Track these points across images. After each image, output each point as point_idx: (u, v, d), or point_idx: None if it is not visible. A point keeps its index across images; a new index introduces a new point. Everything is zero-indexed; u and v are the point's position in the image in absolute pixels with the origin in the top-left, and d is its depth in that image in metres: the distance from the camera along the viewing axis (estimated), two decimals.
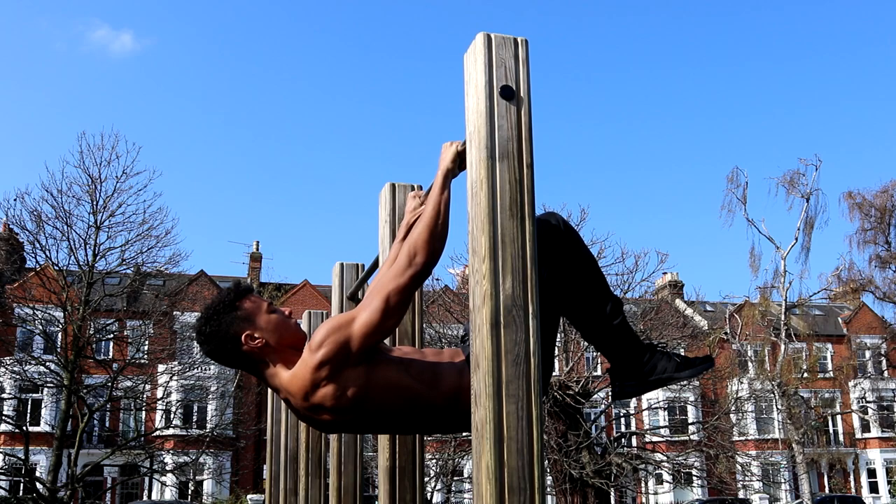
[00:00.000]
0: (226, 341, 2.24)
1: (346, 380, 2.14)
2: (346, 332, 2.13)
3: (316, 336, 2.16)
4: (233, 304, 2.27)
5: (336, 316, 2.24)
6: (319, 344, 2.13)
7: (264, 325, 2.25)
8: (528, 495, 1.75)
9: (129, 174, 20.43)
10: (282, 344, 2.25)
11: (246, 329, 2.24)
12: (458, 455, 20.86)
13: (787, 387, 29.85)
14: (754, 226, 32.20)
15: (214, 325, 2.25)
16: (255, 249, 38.82)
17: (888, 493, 38.54)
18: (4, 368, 22.39)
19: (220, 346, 2.26)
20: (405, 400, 2.20)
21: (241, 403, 32.08)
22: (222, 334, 2.24)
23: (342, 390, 2.14)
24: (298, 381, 2.18)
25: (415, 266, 2.14)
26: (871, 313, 40.02)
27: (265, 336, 2.24)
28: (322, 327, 2.18)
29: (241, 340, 2.23)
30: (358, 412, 2.18)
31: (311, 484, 4.75)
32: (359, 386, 2.15)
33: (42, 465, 25.79)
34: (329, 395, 2.15)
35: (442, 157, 2.31)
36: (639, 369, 2.46)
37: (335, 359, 2.12)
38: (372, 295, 2.17)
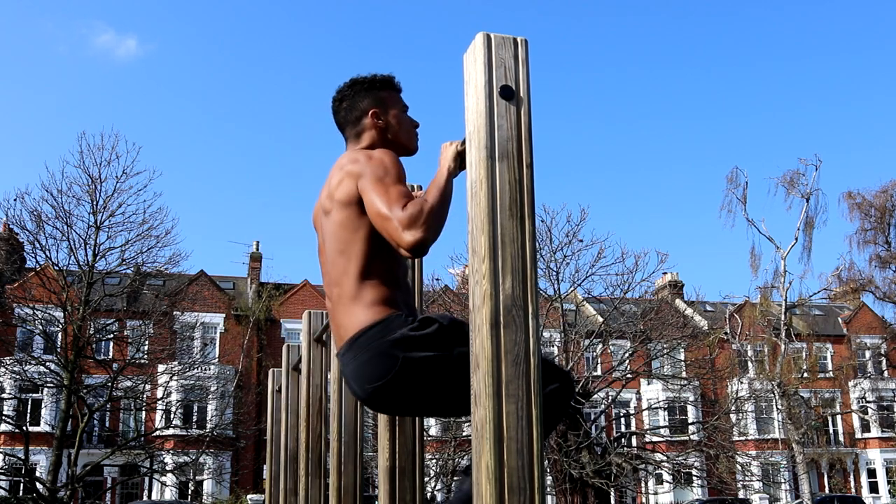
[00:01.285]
0: (357, 107, 2.52)
1: (345, 182, 2.31)
2: (371, 175, 2.24)
3: (381, 152, 2.33)
4: (382, 85, 2.55)
5: (395, 164, 2.29)
6: (372, 156, 2.30)
7: (393, 116, 2.53)
8: (528, 495, 1.75)
9: (129, 174, 20.45)
10: (392, 138, 2.52)
11: (377, 108, 2.51)
12: (458, 455, 20.86)
13: (787, 387, 29.84)
14: (754, 226, 32.24)
15: (357, 91, 2.53)
16: (255, 249, 38.81)
17: (888, 493, 38.53)
18: (4, 368, 22.39)
19: (350, 106, 2.53)
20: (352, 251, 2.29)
21: (241, 403, 32.09)
22: (359, 100, 2.52)
23: (340, 182, 2.32)
24: (344, 158, 2.40)
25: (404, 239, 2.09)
26: (871, 313, 40.02)
27: (387, 123, 2.52)
28: (387, 156, 2.30)
29: (368, 113, 2.51)
30: (332, 212, 2.33)
31: (311, 484, 4.75)
32: (345, 196, 2.30)
33: (42, 465, 25.79)
34: (336, 177, 2.34)
35: (442, 157, 2.31)
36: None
37: (354, 170, 2.30)
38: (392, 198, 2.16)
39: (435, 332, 2.20)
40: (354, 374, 2.25)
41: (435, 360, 2.18)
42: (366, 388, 2.23)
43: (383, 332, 2.21)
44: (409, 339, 2.18)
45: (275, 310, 35.74)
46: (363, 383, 2.23)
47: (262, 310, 35.13)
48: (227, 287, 37.53)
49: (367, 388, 2.23)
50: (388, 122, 2.52)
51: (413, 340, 2.18)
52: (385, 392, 2.21)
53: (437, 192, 2.17)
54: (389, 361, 2.18)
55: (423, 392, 2.23)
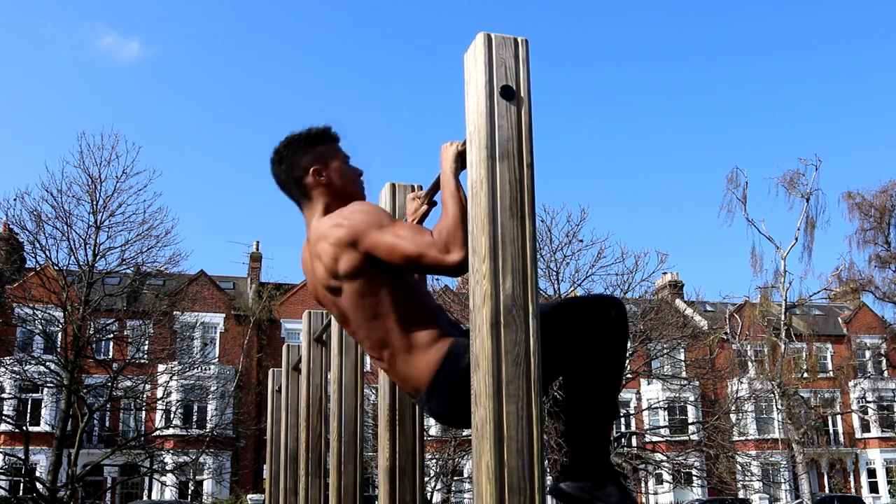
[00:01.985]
0: (296, 168, 2.44)
1: (344, 253, 2.24)
2: (369, 228, 2.20)
3: (355, 206, 2.30)
4: (316, 139, 2.46)
5: (380, 210, 2.28)
6: (351, 213, 2.26)
7: (334, 169, 2.45)
8: (528, 495, 1.75)
9: (129, 174, 20.42)
10: (338, 192, 2.43)
11: (317, 165, 2.43)
12: (458, 455, 20.87)
13: (787, 387, 29.84)
14: (754, 226, 32.22)
15: (293, 150, 2.45)
16: (255, 249, 38.82)
17: (888, 493, 38.53)
18: (4, 368, 22.38)
19: (289, 169, 2.45)
20: (385, 313, 2.24)
21: (241, 403, 32.09)
22: (297, 159, 2.44)
23: (337, 258, 2.25)
24: (321, 227, 2.33)
25: (448, 261, 2.09)
26: (871, 313, 40.02)
27: (330, 178, 2.43)
28: (365, 206, 2.28)
29: (309, 171, 2.42)
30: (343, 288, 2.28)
31: (311, 484, 4.75)
32: (351, 268, 2.24)
33: (42, 464, 25.78)
34: (328, 254, 2.27)
35: (443, 158, 2.30)
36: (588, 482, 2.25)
37: (346, 236, 2.24)
38: (410, 236, 2.16)
39: None
40: (450, 414, 2.24)
41: None
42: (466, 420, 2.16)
43: (455, 363, 2.19)
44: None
45: (275, 310, 35.75)
46: (464, 415, 2.16)
47: (262, 310, 35.13)
48: (227, 287, 37.54)
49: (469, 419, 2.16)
50: (330, 178, 2.43)
51: None
52: None
53: (454, 205, 2.15)
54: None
55: None
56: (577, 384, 2.27)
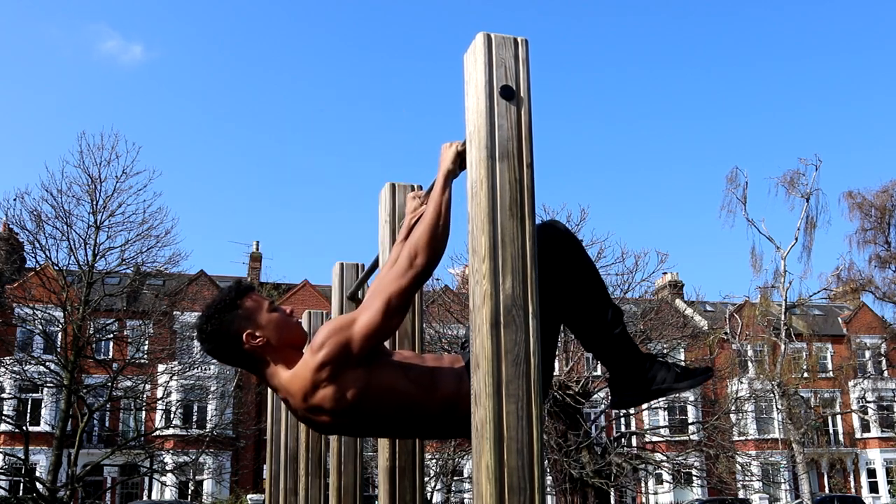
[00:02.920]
0: (227, 340, 2.25)
1: (345, 381, 2.13)
2: (347, 333, 2.12)
3: (317, 337, 2.16)
4: (234, 303, 2.27)
5: (337, 317, 2.24)
6: (321, 345, 2.13)
7: (265, 323, 2.25)
8: (528, 495, 1.75)
9: (129, 174, 20.42)
10: (283, 343, 2.25)
11: (247, 328, 2.24)
12: (458, 455, 20.86)
13: (787, 387, 29.83)
14: (754, 226, 32.19)
15: (216, 324, 2.25)
16: (255, 249, 38.84)
17: (888, 493, 38.53)
18: (4, 368, 22.38)
19: (221, 344, 2.26)
20: (403, 404, 2.20)
21: (241, 403, 32.07)
22: (223, 333, 2.25)
23: (342, 392, 2.14)
24: (299, 381, 2.18)
25: (416, 267, 2.13)
26: (871, 313, 40.02)
27: (266, 335, 2.24)
28: (323, 328, 2.18)
29: (242, 339, 2.24)
30: (356, 415, 2.18)
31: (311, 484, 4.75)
32: (358, 388, 2.14)
33: (42, 464, 25.78)
34: (329, 397, 2.14)
35: (442, 158, 2.30)
36: (638, 379, 2.43)
37: (336, 360, 2.12)
38: (373, 296, 2.17)
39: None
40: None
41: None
42: None
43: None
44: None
45: None
46: None
47: None
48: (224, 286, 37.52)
49: None
50: (266, 335, 2.24)
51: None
52: None
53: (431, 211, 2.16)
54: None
55: None
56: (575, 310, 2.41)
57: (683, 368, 2.45)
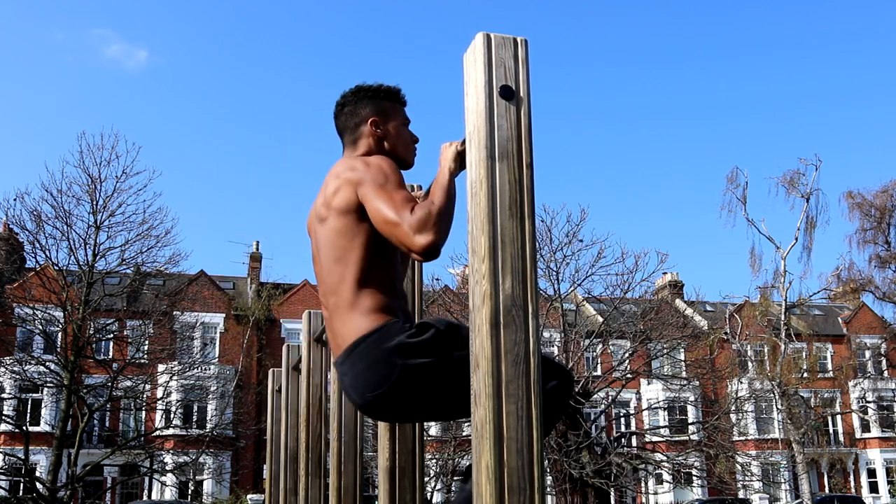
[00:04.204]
0: (357, 115, 2.51)
1: (342, 189, 2.30)
2: (371, 182, 2.23)
3: (378, 158, 2.34)
4: (386, 96, 2.53)
5: (394, 171, 2.29)
6: (369, 163, 2.31)
7: (393, 127, 2.52)
8: (528, 495, 1.75)
9: (129, 174, 20.42)
10: (388, 148, 2.50)
11: (377, 117, 2.50)
12: (458, 455, 20.86)
13: (787, 387, 29.84)
14: (754, 226, 32.24)
15: (359, 98, 2.52)
16: (255, 249, 38.81)
17: (888, 493, 38.52)
18: (4, 368, 22.38)
19: (351, 112, 2.52)
20: (349, 260, 2.28)
21: (241, 403, 32.08)
22: (361, 107, 2.51)
23: (336, 190, 2.31)
24: (340, 165, 2.40)
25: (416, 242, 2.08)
26: (871, 313, 40.01)
27: (385, 132, 2.50)
28: (384, 163, 2.31)
29: (368, 121, 2.49)
30: (328, 220, 2.32)
31: (311, 484, 4.75)
32: (342, 204, 2.29)
33: (42, 464, 25.77)
34: (332, 185, 2.34)
35: (442, 158, 2.31)
36: None
37: (353, 177, 2.29)
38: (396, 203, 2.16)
39: (432, 337, 2.19)
40: (353, 383, 2.24)
41: (433, 365, 2.16)
42: (365, 396, 2.21)
43: (381, 339, 2.19)
44: (407, 346, 2.17)
45: (274, 310, 35.74)
46: (362, 392, 2.21)
47: (262, 310, 35.12)
48: (227, 287, 37.52)
49: (367, 397, 2.21)
50: (386, 132, 2.50)
51: (411, 347, 2.17)
52: (384, 400, 2.19)
53: (442, 194, 2.16)
54: (388, 369, 2.16)
55: (422, 398, 2.22)
56: None
57: None
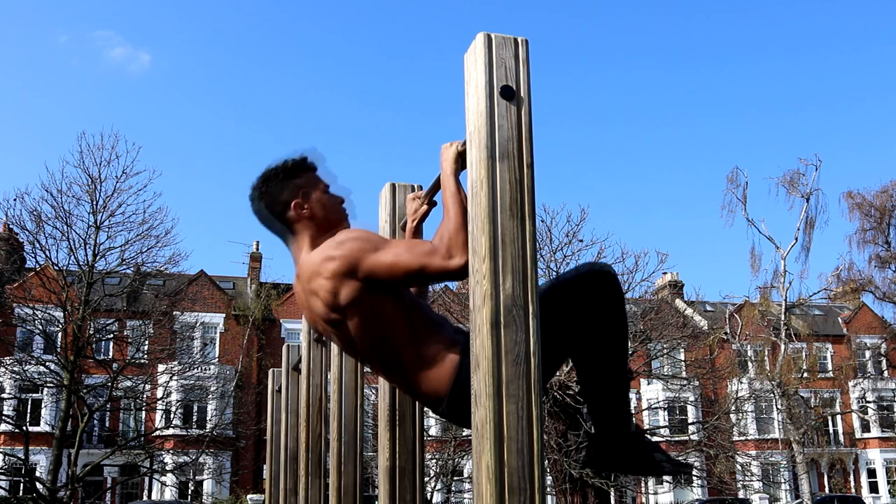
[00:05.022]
0: (276, 203, 2.38)
1: (342, 286, 2.20)
2: (364, 254, 2.18)
3: (346, 234, 2.27)
4: (294, 172, 2.39)
5: (372, 234, 2.27)
6: (342, 242, 2.22)
7: (315, 200, 2.39)
8: (528, 495, 1.75)
9: (129, 174, 20.41)
10: (322, 224, 2.38)
11: (297, 198, 2.37)
12: (458, 455, 20.86)
13: (787, 387, 29.83)
14: (754, 226, 32.21)
15: (272, 185, 2.38)
16: (255, 249, 38.82)
17: (888, 493, 38.52)
18: (4, 368, 22.38)
19: (269, 205, 2.39)
20: (384, 339, 2.23)
21: (241, 403, 32.09)
22: (275, 196, 2.38)
23: (334, 291, 2.21)
24: (311, 261, 2.28)
25: (452, 265, 2.10)
26: (871, 313, 40.01)
27: (312, 210, 2.37)
28: (355, 232, 2.26)
29: (290, 206, 2.36)
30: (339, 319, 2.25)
31: (311, 484, 4.75)
32: (350, 298, 2.20)
33: (42, 465, 25.78)
34: (325, 288, 2.22)
35: (443, 159, 2.30)
36: (617, 449, 2.38)
37: (343, 266, 2.19)
38: (407, 250, 2.17)
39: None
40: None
41: None
42: None
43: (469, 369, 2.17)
44: None
45: (274, 310, 35.75)
46: None
47: (262, 310, 35.12)
48: (227, 287, 37.53)
49: None
50: (312, 211, 2.37)
51: None
52: None
53: (455, 207, 2.15)
54: None
55: None
56: (586, 363, 2.34)
57: (666, 456, 2.40)
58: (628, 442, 2.37)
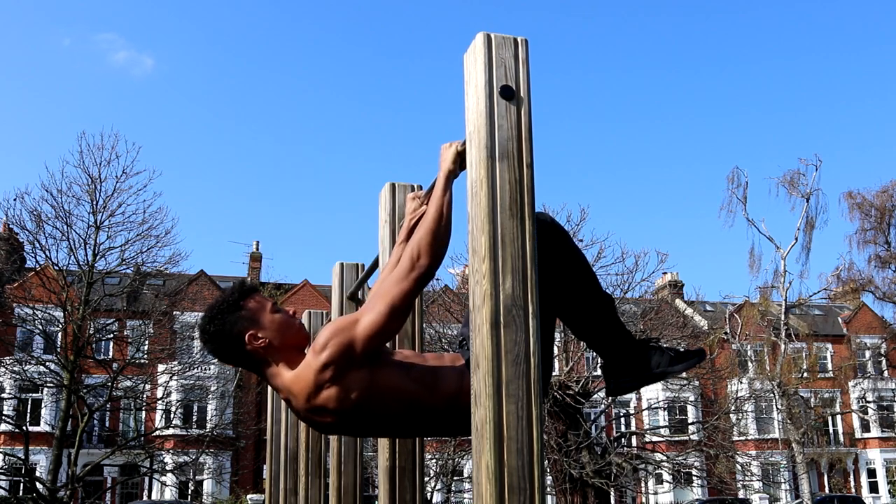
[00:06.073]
0: (229, 340, 2.25)
1: (349, 382, 2.13)
2: (350, 334, 2.12)
3: (319, 338, 2.16)
4: (237, 304, 2.27)
5: (339, 318, 2.23)
6: (323, 346, 2.13)
7: (268, 324, 2.25)
8: (528, 495, 1.75)
9: (129, 174, 20.42)
10: (285, 344, 2.25)
11: (250, 329, 2.24)
12: (458, 455, 20.86)
13: (787, 387, 29.84)
14: (754, 226, 32.21)
15: (218, 325, 2.25)
16: (255, 249, 38.84)
17: (888, 493, 38.53)
18: (4, 368, 22.38)
19: (223, 345, 2.26)
20: (407, 403, 2.20)
21: (241, 403, 32.08)
22: (226, 333, 2.25)
23: (345, 392, 2.13)
24: (302, 382, 2.17)
25: (418, 269, 2.13)
26: (870, 313, 40.02)
27: (269, 336, 2.24)
28: (325, 329, 2.17)
29: (244, 340, 2.23)
30: (360, 415, 2.18)
31: (311, 484, 4.75)
32: (361, 388, 2.14)
33: (42, 464, 25.79)
34: (332, 398, 2.14)
35: (442, 159, 2.30)
36: (632, 365, 2.46)
37: (339, 361, 2.12)
38: (375, 298, 2.17)
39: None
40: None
41: None
42: None
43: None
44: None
45: None
46: None
47: None
48: (227, 287, 37.52)
49: None
50: (268, 337, 2.23)
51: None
52: None
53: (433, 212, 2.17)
54: None
55: None
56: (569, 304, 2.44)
57: (676, 351, 2.48)
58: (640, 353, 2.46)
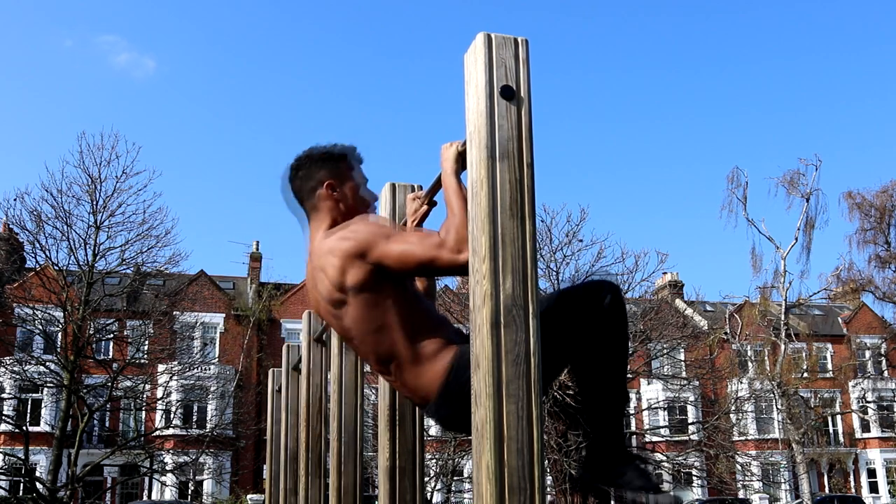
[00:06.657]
0: (312, 179, 2.47)
1: (351, 265, 2.24)
2: (377, 239, 2.23)
3: (359, 220, 2.33)
4: (338, 158, 2.50)
5: (385, 222, 2.34)
6: (357, 227, 2.29)
7: (349, 189, 2.48)
8: (528, 495, 1.75)
9: (129, 174, 20.39)
10: (346, 212, 2.45)
11: (333, 180, 2.46)
12: (458, 455, 20.86)
13: (787, 387, 29.83)
14: (754, 226, 32.19)
15: (313, 162, 2.49)
16: (255, 249, 38.80)
17: (888, 493, 38.52)
18: (4, 368, 22.38)
19: (306, 176, 2.48)
20: (390, 325, 2.24)
21: (241, 403, 32.08)
22: (315, 170, 2.48)
23: (344, 269, 2.25)
24: (326, 242, 2.34)
25: (461, 259, 2.12)
26: (871, 313, 40.00)
27: (342, 196, 2.46)
28: (370, 220, 2.32)
29: (323, 184, 2.45)
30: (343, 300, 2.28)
31: (311, 484, 4.75)
32: (358, 280, 2.24)
33: (42, 465, 25.77)
34: (334, 266, 2.27)
35: (444, 159, 2.31)
36: (606, 465, 2.31)
37: (354, 248, 2.24)
38: (419, 241, 2.20)
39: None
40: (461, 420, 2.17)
41: None
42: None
43: (461, 371, 2.16)
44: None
45: (275, 310, 35.73)
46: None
47: (262, 310, 35.12)
48: (227, 287, 37.52)
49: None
50: (343, 195, 2.46)
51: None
52: None
53: (459, 203, 2.17)
54: None
55: None
56: (584, 374, 2.31)
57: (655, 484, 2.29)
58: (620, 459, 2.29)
